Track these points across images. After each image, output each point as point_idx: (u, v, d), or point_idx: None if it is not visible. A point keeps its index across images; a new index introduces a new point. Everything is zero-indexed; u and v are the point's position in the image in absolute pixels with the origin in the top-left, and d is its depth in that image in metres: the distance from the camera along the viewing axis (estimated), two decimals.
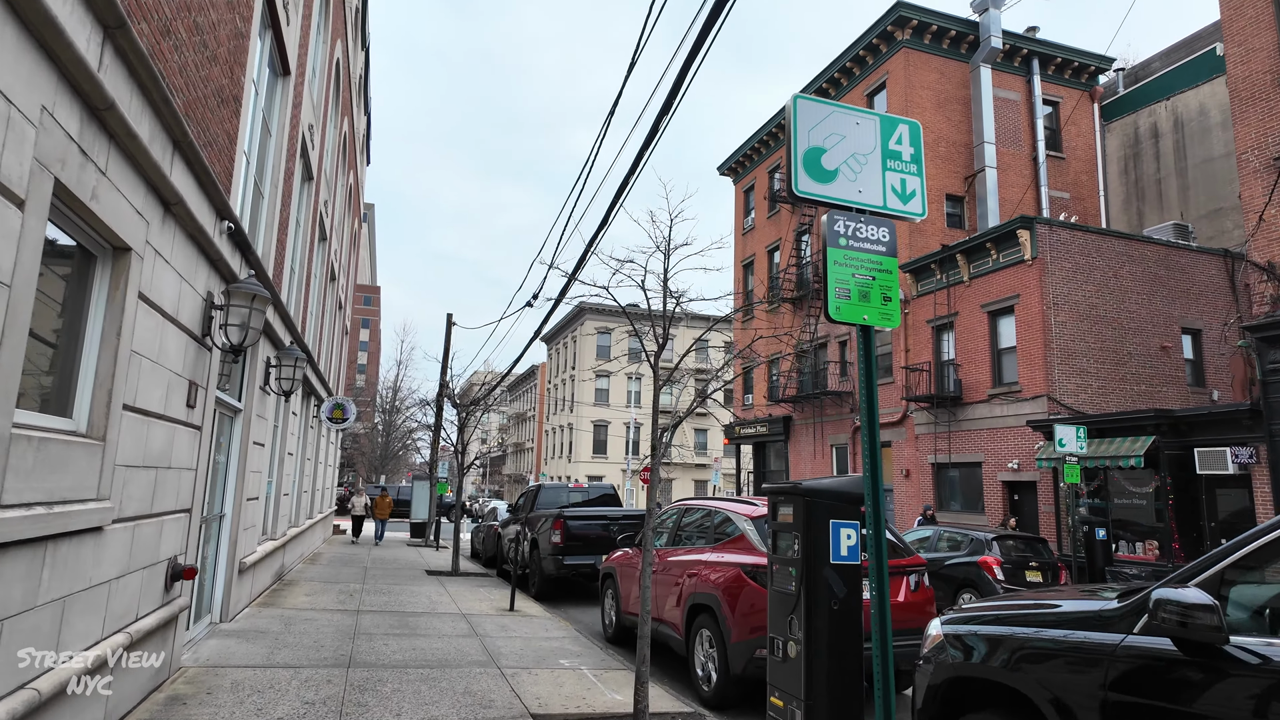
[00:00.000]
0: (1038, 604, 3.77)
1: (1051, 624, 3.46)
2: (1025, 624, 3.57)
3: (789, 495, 4.42)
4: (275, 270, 9.61)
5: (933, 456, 21.09)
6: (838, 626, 4.17)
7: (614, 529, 12.72)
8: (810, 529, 4.15)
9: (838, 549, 4.04)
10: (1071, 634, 3.30)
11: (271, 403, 9.88)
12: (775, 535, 4.53)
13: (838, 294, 3.12)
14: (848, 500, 4.21)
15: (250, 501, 9.13)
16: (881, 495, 3.13)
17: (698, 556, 7.19)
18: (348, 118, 18.61)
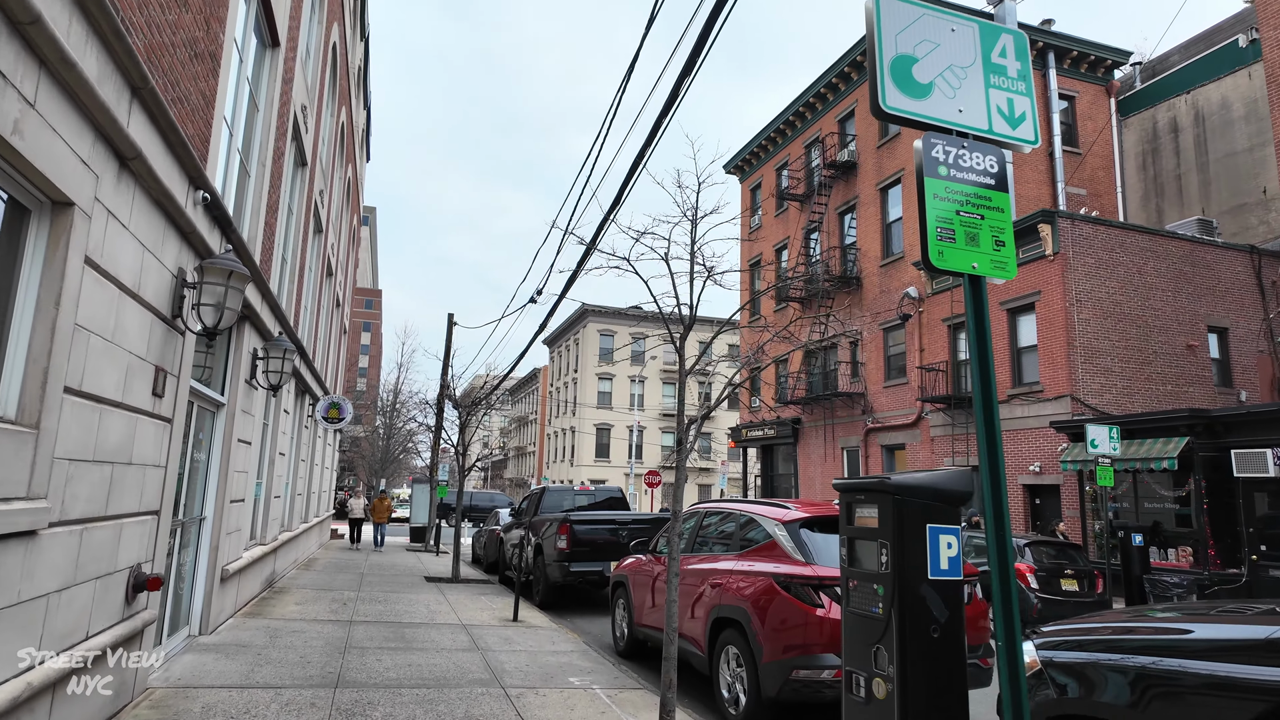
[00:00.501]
0: (1159, 627, 3.09)
1: (1188, 653, 2.78)
2: (1150, 653, 2.90)
3: (872, 493, 3.68)
4: (263, 256, 8.97)
5: (949, 459, 20.39)
6: (938, 659, 3.40)
7: (623, 534, 12.05)
8: (903, 536, 3.41)
9: (936, 561, 3.31)
10: (1221, 667, 2.62)
11: (259, 398, 9.23)
12: (851, 544, 3.84)
13: (940, 235, 2.48)
14: (947, 499, 3.52)
15: (235, 504, 8.47)
16: (1005, 493, 2.48)
17: (721, 565, 6.52)
18: (345, 108, 18.00)
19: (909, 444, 22.06)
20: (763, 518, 6.36)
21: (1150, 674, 2.76)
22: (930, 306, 21.64)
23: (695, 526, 7.64)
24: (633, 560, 8.79)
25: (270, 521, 11.37)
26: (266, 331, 8.97)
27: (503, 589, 14.13)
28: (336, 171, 18.16)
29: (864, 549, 3.57)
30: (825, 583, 5.48)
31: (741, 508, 6.85)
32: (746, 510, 6.73)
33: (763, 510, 6.48)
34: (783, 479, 29.31)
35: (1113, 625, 3.31)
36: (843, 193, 26.28)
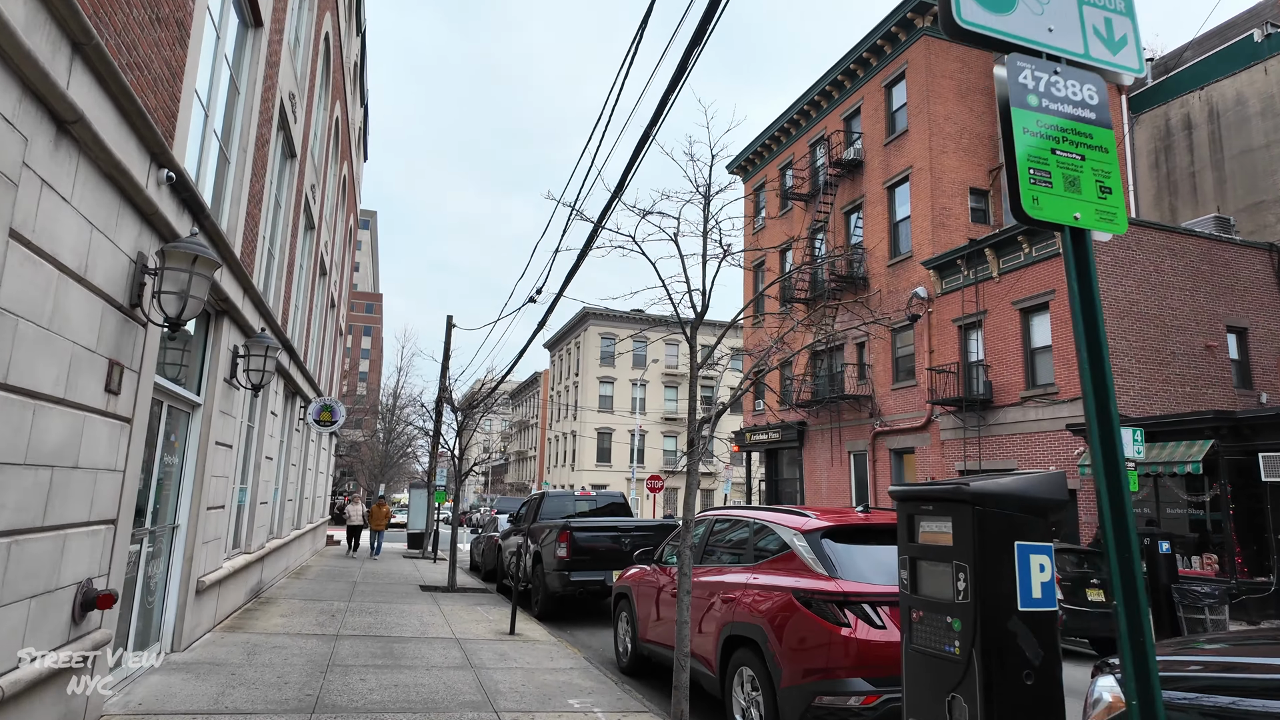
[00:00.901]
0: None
1: None
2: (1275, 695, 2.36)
3: (944, 503, 3.05)
4: (245, 248, 8.47)
5: (961, 463, 19.85)
6: (1033, 711, 2.75)
7: (626, 542, 11.52)
8: (985, 556, 2.78)
9: (1028, 587, 2.70)
10: None
11: (240, 399, 8.72)
12: (914, 566, 3.25)
13: (1033, 178, 1.97)
14: (1038, 509, 2.91)
15: (213, 511, 7.95)
16: (1129, 499, 1.95)
17: (734, 577, 5.99)
18: (340, 103, 17.54)
19: (919, 448, 21.51)
20: (779, 526, 5.83)
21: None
22: (940, 307, 21.12)
23: (704, 535, 7.11)
24: (637, 571, 8.26)
25: (256, 529, 10.86)
26: (248, 328, 8.46)
27: (500, 598, 13.60)
28: (331, 168, 17.68)
29: (932, 573, 2.96)
30: (851, 599, 4.96)
31: (755, 515, 6.32)
32: (760, 518, 6.20)
33: (779, 518, 5.95)
34: (787, 484, 28.76)
35: (1205, 656, 2.79)
36: (849, 192, 25.80)
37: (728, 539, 6.66)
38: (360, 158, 26.53)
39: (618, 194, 6.18)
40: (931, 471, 20.91)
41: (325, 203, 16.81)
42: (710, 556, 6.88)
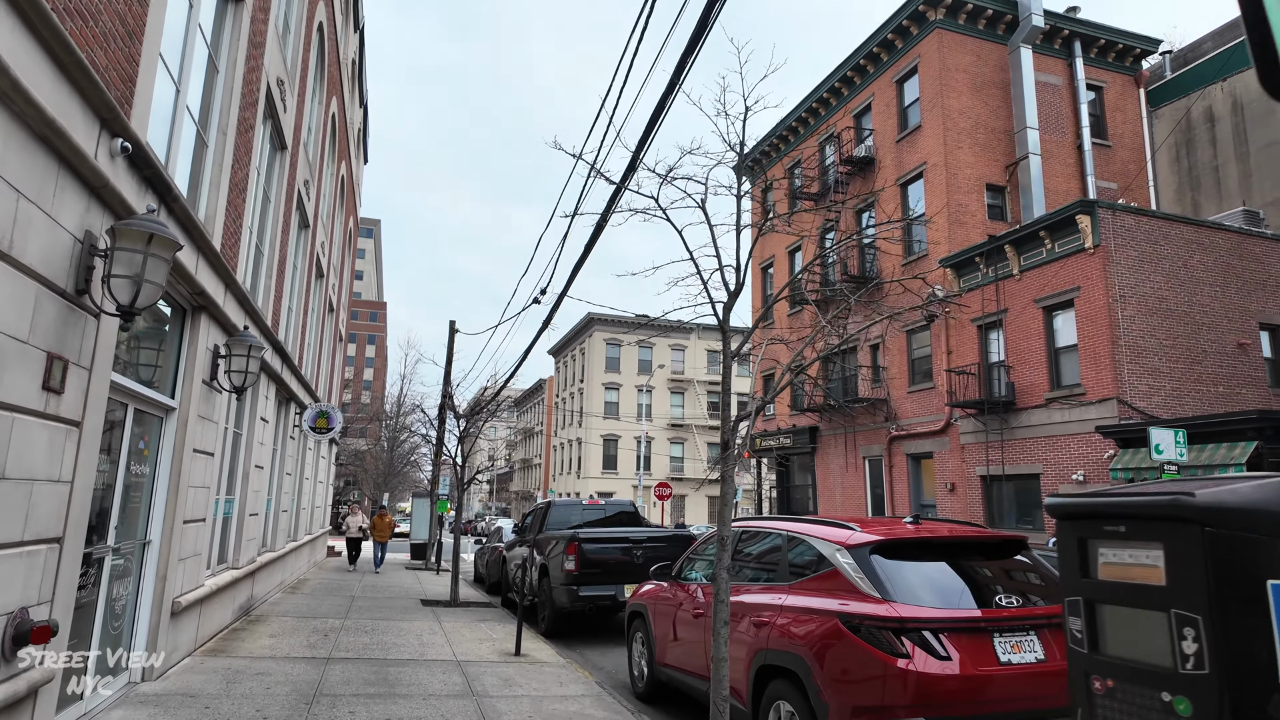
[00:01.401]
0: None
1: None
2: None
3: (1151, 520, 2.17)
4: (226, 240, 7.85)
5: (982, 468, 19.12)
6: None
7: (638, 554, 10.83)
8: (1227, 602, 1.91)
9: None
10: None
11: (223, 403, 8.08)
12: (1092, 612, 2.38)
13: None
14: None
15: (191, 525, 7.30)
16: None
17: (765, 598, 5.30)
18: (337, 99, 16.97)
19: (937, 452, 20.78)
20: (819, 540, 5.15)
21: None
22: (957, 307, 20.41)
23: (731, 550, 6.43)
24: (653, 587, 7.58)
25: (245, 542, 10.20)
26: (230, 325, 7.83)
27: (505, 613, 12.91)
28: (327, 166, 17.09)
29: (1129, 625, 2.07)
30: (910, 625, 4.28)
31: (788, 527, 5.64)
32: (795, 530, 5.52)
33: (817, 530, 5.27)
34: (799, 490, 28.02)
35: None
36: (860, 190, 25.15)
37: (755, 554, 5.98)
38: (360, 160, 25.99)
39: (642, 148, 5.54)
40: (952, 477, 20.17)
41: (321, 202, 16.22)
42: (739, 574, 6.20)
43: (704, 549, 7.02)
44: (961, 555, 4.91)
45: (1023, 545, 5.08)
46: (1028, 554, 5.06)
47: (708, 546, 7.01)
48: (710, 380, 57.97)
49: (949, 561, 4.80)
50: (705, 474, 56.72)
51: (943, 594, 4.52)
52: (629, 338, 57.49)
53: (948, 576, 4.69)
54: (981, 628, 4.36)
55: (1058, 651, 4.38)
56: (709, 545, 6.95)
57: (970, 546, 4.99)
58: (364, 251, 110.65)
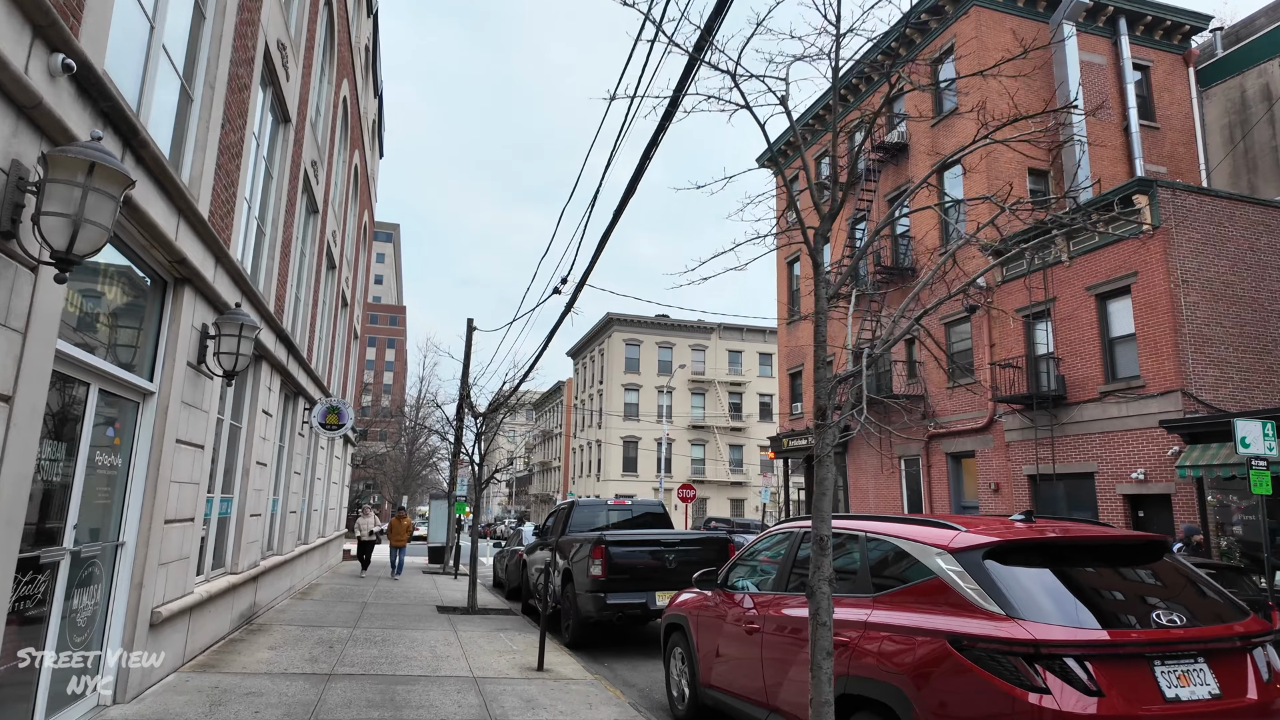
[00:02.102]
0: None
1: None
2: None
3: None
4: (216, 208, 7.06)
5: (1029, 467, 17.99)
6: None
7: (670, 558, 9.92)
8: None
9: None
10: None
11: (213, 390, 7.29)
12: None
13: None
14: None
15: (176, 525, 6.50)
16: None
17: (847, 614, 4.36)
18: (348, 81, 16.26)
19: (980, 451, 19.66)
20: (913, 543, 4.20)
21: None
22: (1001, 297, 19.32)
23: (788, 553, 5.50)
24: (694, 597, 6.66)
25: (246, 545, 9.42)
26: (220, 302, 7.03)
27: (526, 621, 12.05)
28: (339, 153, 16.39)
29: None
30: (1046, 651, 3.34)
31: (869, 527, 4.68)
32: (880, 531, 4.57)
33: (910, 531, 4.32)
34: None
35: None
36: (892, 178, 24.11)
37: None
38: (375, 153, 25.34)
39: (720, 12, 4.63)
40: (996, 477, 19.05)
41: (333, 190, 15.50)
42: (794, 582, 5.27)
43: (757, 552, 6.09)
44: (1095, 560, 3.96)
45: (1166, 547, 4.11)
46: (1174, 558, 4.09)
47: (759, 549, 6.09)
48: (732, 380, 56.89)
49: (1080, 568, 3.84)
50: (728, 475, 55.68)
51: (1079, 610, 3.57)
52: (648, 338, 56.56)
53: (1082, 587, 3.74)
54: (1138, 654, 3.41)
55: (1237, 685, 3.41)
56: (763, 547, 6.03)
57: (1104, 549, 4.02)
58: (383, 256, 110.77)
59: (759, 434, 56.43)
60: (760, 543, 6.09)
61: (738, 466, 56.59)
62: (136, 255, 5.64)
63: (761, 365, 58.50)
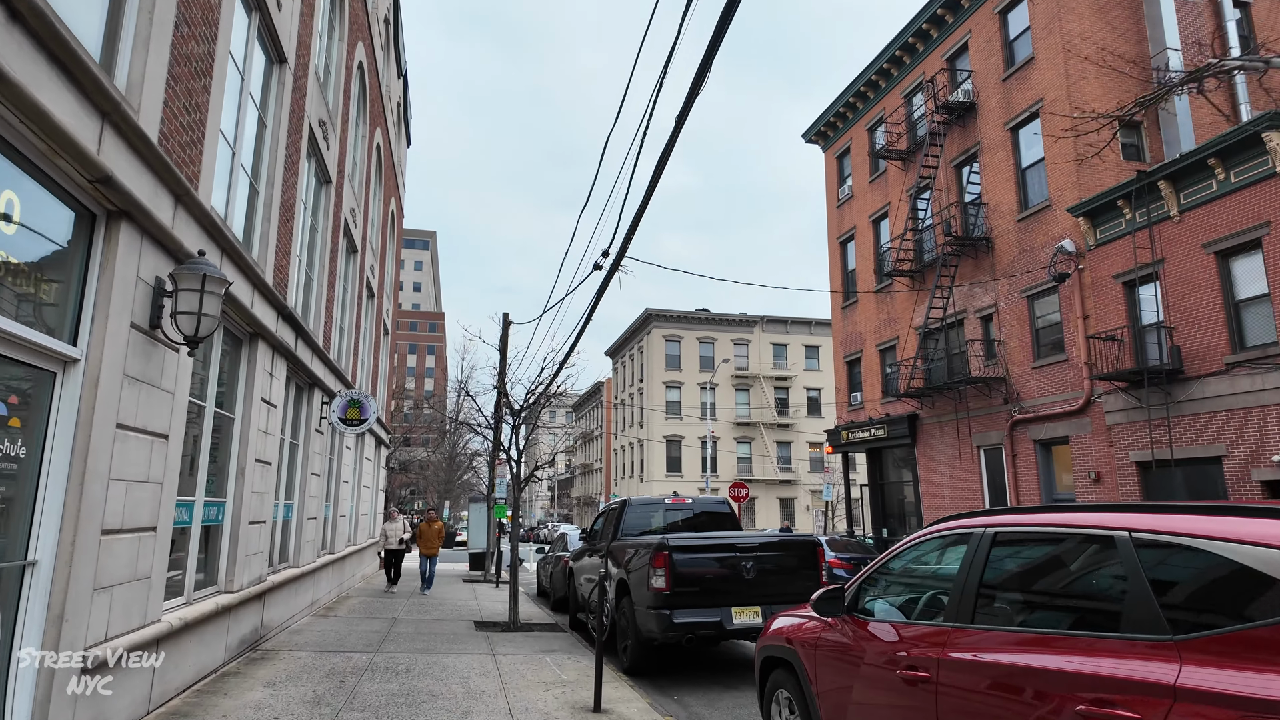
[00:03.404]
0: None
1: None
2: None
3: None
4: (170, 126, 5.56)
5: (1138, 452, 15.80)
6: None
7: (747, 565, 8.18)
8: None
9: None
10: None
11: (171, 363, 5.77)
12: None
13: None
14: None
15: (122, 536, 4.99)
16: None
17: (1120, 668, 2.58)
18: (365, 46, 14.87)
19: (1074, 436, 17.48)
20: (1263, 549, 2.39)
21: None
22: (1094, 262, 17.15)
23: (968, 566, 3.71)
24: (806, 623, 4.91)
25: (244, 558, 7.95)
26: (177, 248, 5.52)
27: (574, 639, 10.42)
28: (355, 123, 15.01)
29: None
30: None
31: (1157, 523, 2.80)
32: (1183, 530, 2.70)
33: (1255, 530, 2.49)
34: (895, 489, 24.88)
35: None
36: (959, 141, 21.98)
37: (1055, 577, 3.27)
38: (401, 138, 24.06)
39: None
40: (1096, 465, 16.87)
41: (349, 163, 14.10)
42: (989, 608, 3.49)
43: (902, 565, 4.33)
44: None
45: None
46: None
47: (904, 561, 4.32)
48: (777, 375, 54.76)
49: None
50: (776, 474, 53.52)
51: None
52: (688, 333, 54.71)
53: None
54: None
55: None
56: (911, 558, 4.26)
57: None
58: (420, 264, 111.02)
59: (807, 430, 54.18)
60: (906, 551, 4.32)
61: (786, 464, 54.44)
62: (39, 170, 4.13)
63: (808, 358, 56.25)
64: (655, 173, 6.57)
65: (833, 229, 28.79)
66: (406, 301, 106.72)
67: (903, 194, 23.99)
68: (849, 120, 28.03)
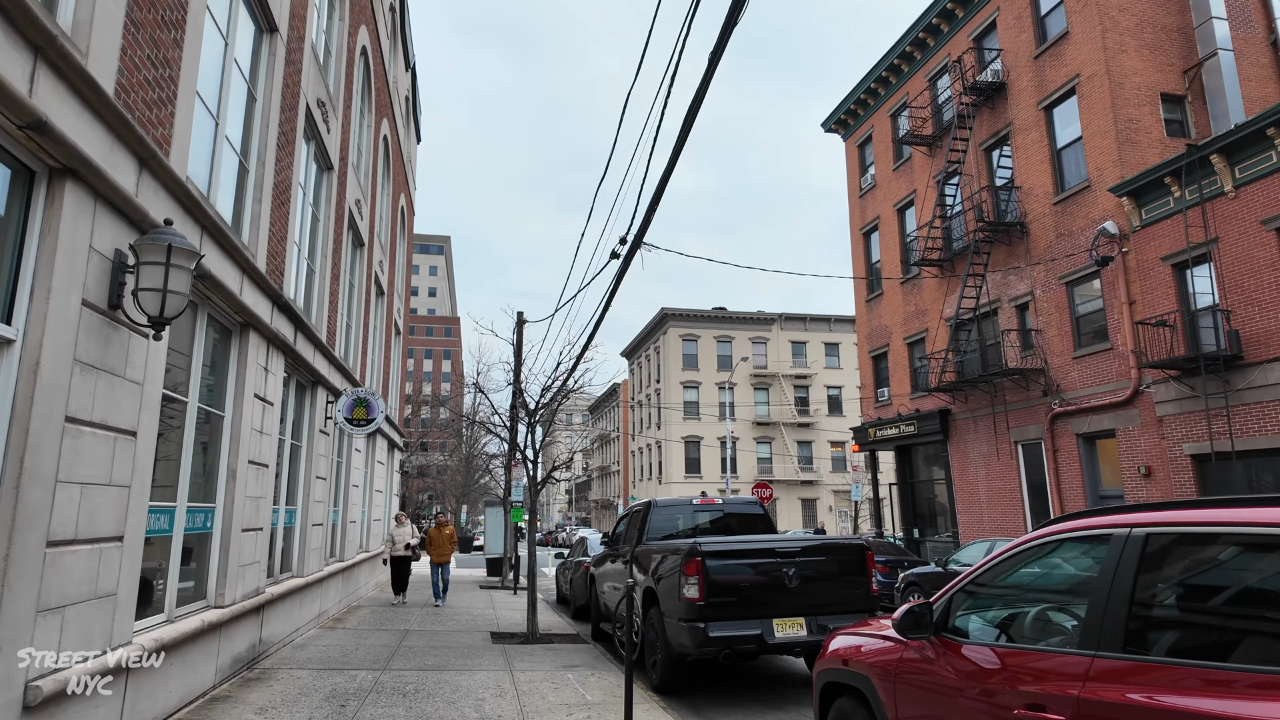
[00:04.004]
0: None
1: None
2: None
3: None
4: (130, 77, 4.88)
5: (1193, 445, 14.82)
6: None
7: (789, 571, 7.38)
8: None
9: None
10: None
11: (139, 349, 5.08)
12: None
13: None
14: None
15: (77, 549, 4.30)
16: None
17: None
18: (368, 29, 14.23)
19: (1121, 429, 16.50)
20: None
21: None
22: (1139, 244, 16.19)
23: (1112, 573, 2.90)
24: (878, 643, 4.12)
25: (237, 569, 7.26)
26: (142, 218, 4.83)
27: (598, 652, 9.66)
28: (363, 113, 14.37)
29: None
30: None
31: None
32: None
33: None
34: (925, 487, 23.93)
35: None
36: (988, 123, 21.04)
37: (1258, 595, 2.47)
38: (411, 132, 23.46)
39: None
40: (1145, 459, 15.89)
41: (353, 151, 13.46)
42: (1150, 633, 2.69)
43: (1007, 578, 3.53)
44: None
45: None
46: None
47: (1012, 571, 3.52)
48: (797, 373, 53.76)
49: None
50: (797, 474, 52.51)
51: None
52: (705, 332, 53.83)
53: None
54: None
55: None
56: (1021, 568, 3.47)
57: None
58: (435, 269, 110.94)
59: (828, 429, 53.12)
60: (1013, 558, 3.51)
61: (807, 464, 53.43)
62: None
63: (828, 356, 55.20)
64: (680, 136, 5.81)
65: (855, 220, 27.90)
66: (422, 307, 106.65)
67: (929, 180, 23.06)
68: (870, 107, 27.13)
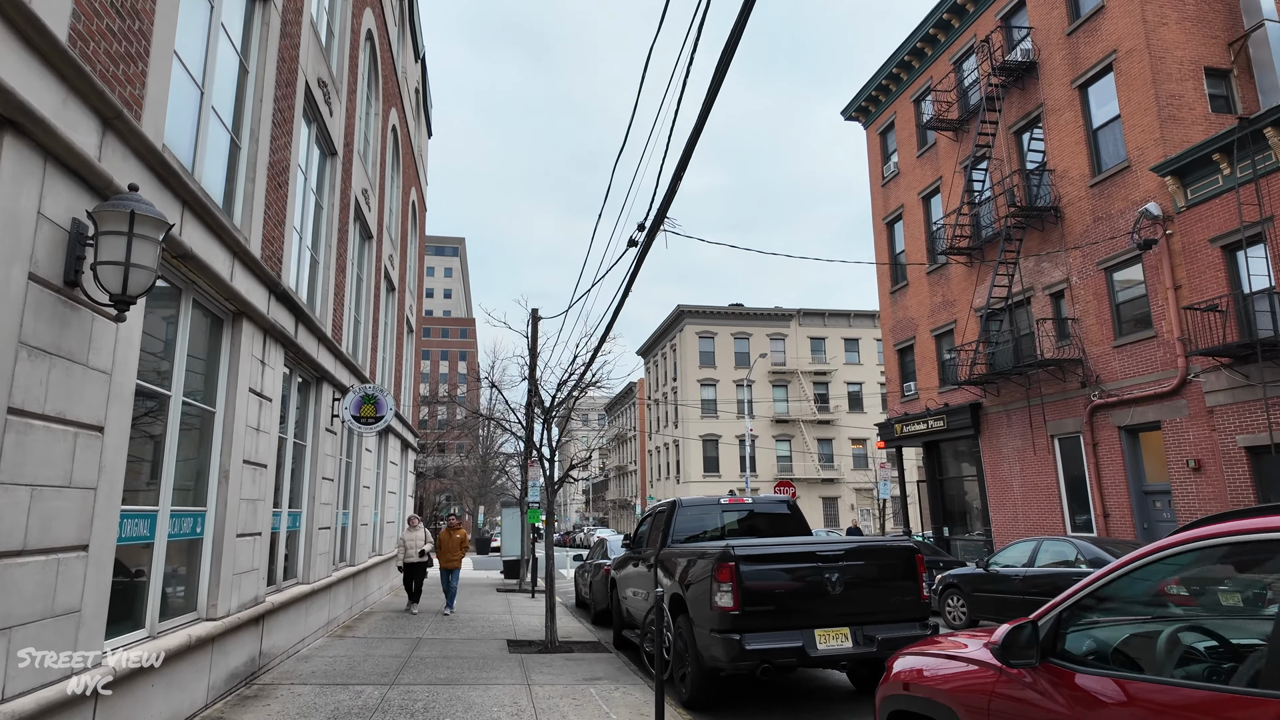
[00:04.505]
0: None
1: None
2: None
3: None
4: (85, 26, 4.31)
5: (1246, 437, 13.97)
6: None
7: (832, 577, 6.72)
8: None
9: None
10: None
11: (106, 333, 4.52)
12: None
13: None
14: None
15: (29, 560, 3.75)
16: None
17: None
18: (375, 13, 13.71)
19: (1167, 421, 15.66)
20: None
21: None
22: (1184, 225, 15.34)
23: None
24: (959, 666, 3.47)
25: (233, 577, 6.72)
26: (106, 185, 4.27)
27: (622, 663, 9.04)
28: (370, 100, 13.85)
29: None
30: None
31: None
32: None
33: None
34: (955, 484, 23.12)
35: None
36: (1018, 105, 20.21)
37: None
38: (421, 125, 22.97)
39: None
40: (1195, 451, 15.05)
41: (356, 133, 12.93)
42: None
43: (1141, 584, 2.87)
44: None
45: None
46: None
47: (1140, 576, 2.86)
48: (816, 370, 52.88)
49: None
50: (818, 472, 51.65)
51: None
52: (722, 329, 53.06)
53: None
54: None
55: None
56: (1161, 573, 2.80)
57: None
58: (451, 270, 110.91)
59: (849, 425, 52.23)
60: (1145, 570, 2.84)
61: (828, 462, 52.55)
62: None
63: (848, 351, 54.26)
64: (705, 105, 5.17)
65: (878, 209, 27.10)
66: (437, 309, 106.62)
67: (956, 166, 22.25)
68: (892, 93, 26.33)
